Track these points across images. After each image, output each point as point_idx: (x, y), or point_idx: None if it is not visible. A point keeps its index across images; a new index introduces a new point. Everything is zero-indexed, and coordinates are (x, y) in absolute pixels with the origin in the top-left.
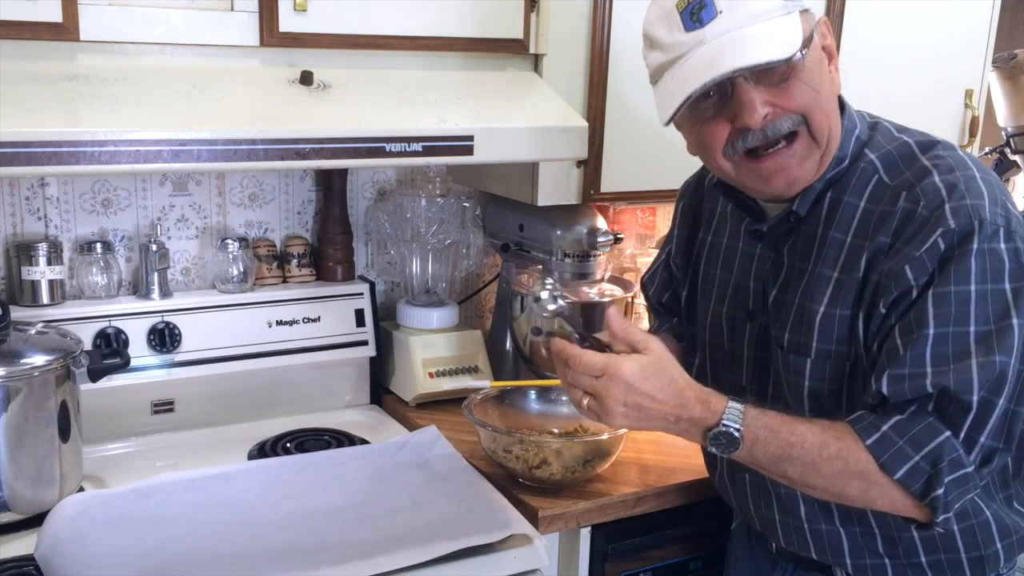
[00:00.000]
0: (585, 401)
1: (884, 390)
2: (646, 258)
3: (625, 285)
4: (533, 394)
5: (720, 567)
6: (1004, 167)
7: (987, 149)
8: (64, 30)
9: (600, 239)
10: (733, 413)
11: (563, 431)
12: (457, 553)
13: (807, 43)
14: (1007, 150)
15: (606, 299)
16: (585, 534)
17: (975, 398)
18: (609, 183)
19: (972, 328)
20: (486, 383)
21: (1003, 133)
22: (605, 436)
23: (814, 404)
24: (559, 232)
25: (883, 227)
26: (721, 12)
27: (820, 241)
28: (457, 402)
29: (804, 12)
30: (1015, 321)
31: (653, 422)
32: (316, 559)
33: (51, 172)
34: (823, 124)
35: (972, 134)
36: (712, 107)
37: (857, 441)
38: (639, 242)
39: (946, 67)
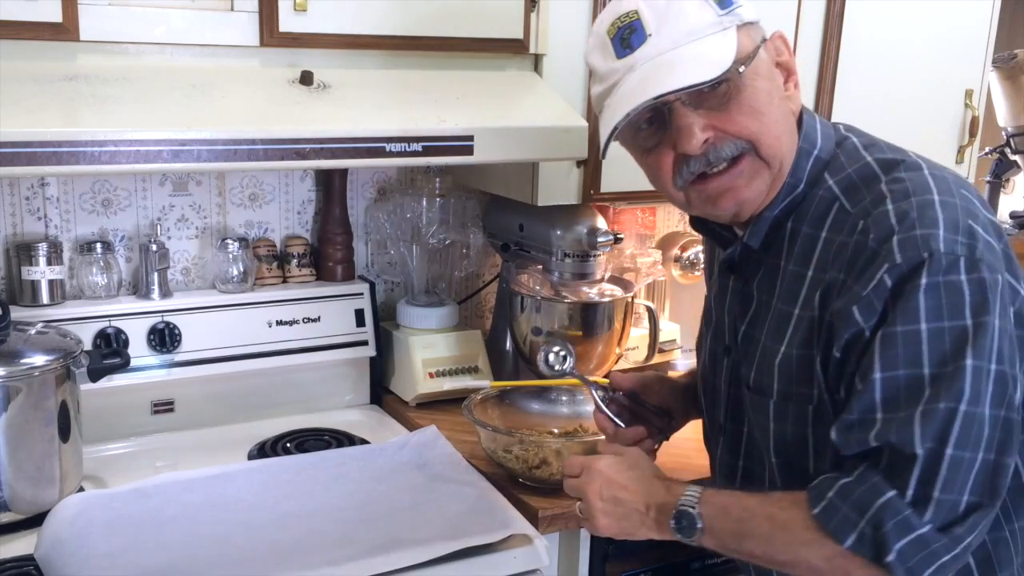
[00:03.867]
0: (577, 506)
1: (834, 437)
2: (646, 258)
3: (625, 285)
4: (533, 394)
5: (720, 568)
6: (1004, 167)
7: (987, 149)
8: (64, 30)
9: (600, 239)
10: (691, 495)
11: (563, 431)
12: (457, 553)
13: (747, 59)
14: (1007, 150)
15: (606, 299)
16: (585, 534)
17: (919, 450)
18: (609, 183)
19: (927, 371)
20: (486, 383)
21: (1003, 133)
22: (605, 436)
23: (779, 448)
24: (559, 232)
25: (838, 260)
26: (651, 35)
27: (781, 275)
28: (457, 402)
29: (745, 26)
30: (968, 362)
31: (630, 517)
32: (316, 559)
33: (51, 172)
34: (773, 148)
35: (972, 134)
36: (653, 135)
37: (808, 511)
38: (639, 242)
39: (946, 67)
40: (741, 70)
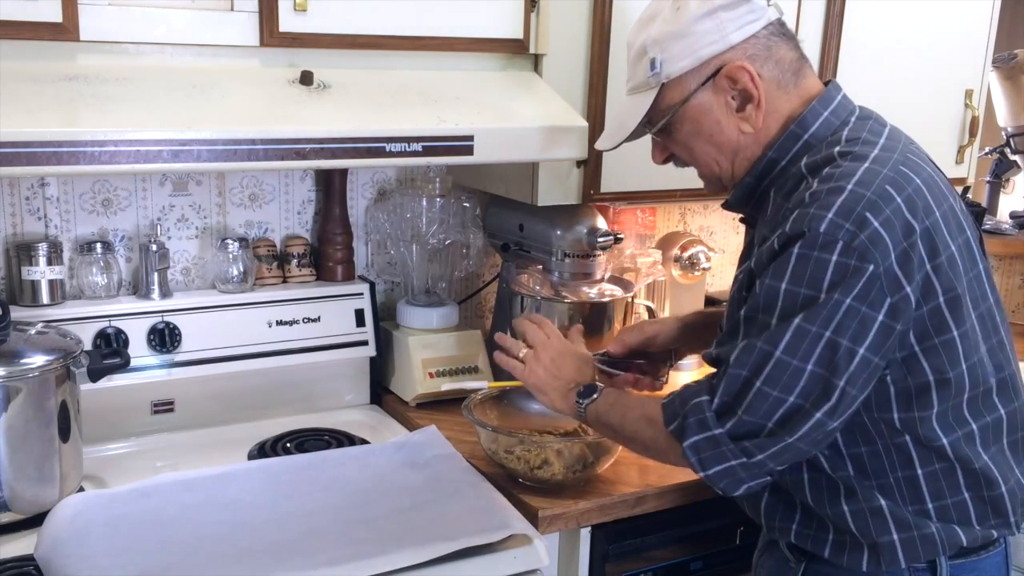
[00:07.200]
0: (523, 353)
1: (711, 350)
2: (646, 258)
3: (625, 285)
4: (532, 394)
5: (720, 568)
6: (1004, 167)
7: (987, 149)
8: (64, 30)
9: (600, 239)
10: (598, 386)
11: (564, 431)
12: (457, 553)
13: (668, 111)
14: (1007, 150)
15: (606, 299)
16: (585, 534)
17: (733, 372)
18: (609, 183)
19: (773, 320)
20: (485, 383)
21: (1003, 133)
22: None
23: None
24: (559, 232)
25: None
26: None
27: (757, 233)
28: (457, 402)
29: (677, 79)
30: (797, 321)
31: (555, 388)
32: (316, 559)
33: (51, 172)
34: (704, 168)
35: (972, 134)
36: None
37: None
38: (639, 242)
39: (946, 67)
40: (655, 126)
